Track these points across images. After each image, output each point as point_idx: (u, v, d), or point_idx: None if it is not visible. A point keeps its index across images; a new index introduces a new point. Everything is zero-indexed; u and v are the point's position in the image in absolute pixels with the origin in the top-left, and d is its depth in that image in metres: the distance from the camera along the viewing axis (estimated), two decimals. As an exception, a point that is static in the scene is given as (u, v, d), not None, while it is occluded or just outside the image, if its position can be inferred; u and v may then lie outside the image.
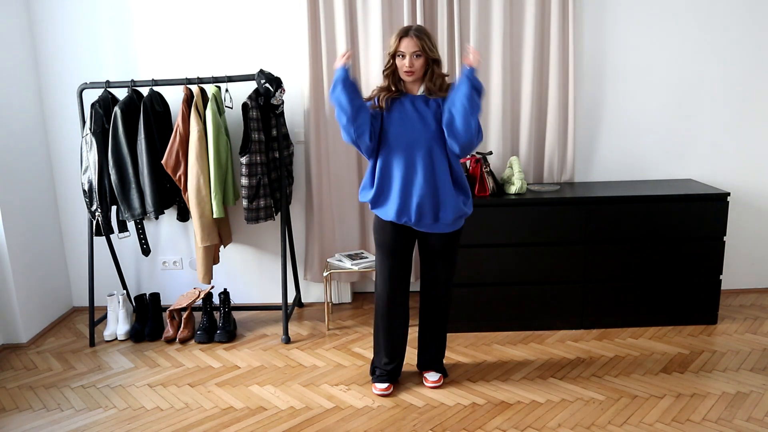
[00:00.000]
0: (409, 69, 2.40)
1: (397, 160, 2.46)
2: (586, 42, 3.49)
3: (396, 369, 2.79)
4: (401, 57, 2.41)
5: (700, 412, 2.50)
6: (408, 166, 2.45)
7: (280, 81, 3.18)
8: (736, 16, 3.45)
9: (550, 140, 3.53)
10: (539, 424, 2.46)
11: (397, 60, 2.43)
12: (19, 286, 3.35)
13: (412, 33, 2.39)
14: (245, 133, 3.19)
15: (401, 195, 2.46)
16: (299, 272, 3.80)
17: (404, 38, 2.40)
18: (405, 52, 2.39)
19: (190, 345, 3.33)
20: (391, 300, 2.65)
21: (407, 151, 2.45)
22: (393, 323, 2.69)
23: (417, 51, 2.39)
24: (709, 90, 3.54)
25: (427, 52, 2.40)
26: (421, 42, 2.38)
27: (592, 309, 3.28)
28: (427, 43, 2.40)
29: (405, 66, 2.40)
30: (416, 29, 2.42)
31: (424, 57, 2.41)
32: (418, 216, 2.48)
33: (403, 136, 2.45)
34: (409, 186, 2.46)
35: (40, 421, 2.62)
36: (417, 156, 2.44)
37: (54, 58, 3.56)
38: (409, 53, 2.39)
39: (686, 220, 3.18)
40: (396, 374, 2.80)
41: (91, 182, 3.24)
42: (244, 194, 3.21)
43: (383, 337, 2.72)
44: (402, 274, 2.65)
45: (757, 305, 3.57)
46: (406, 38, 2.39)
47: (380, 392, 2.72)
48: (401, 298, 2.68)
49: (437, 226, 2.53)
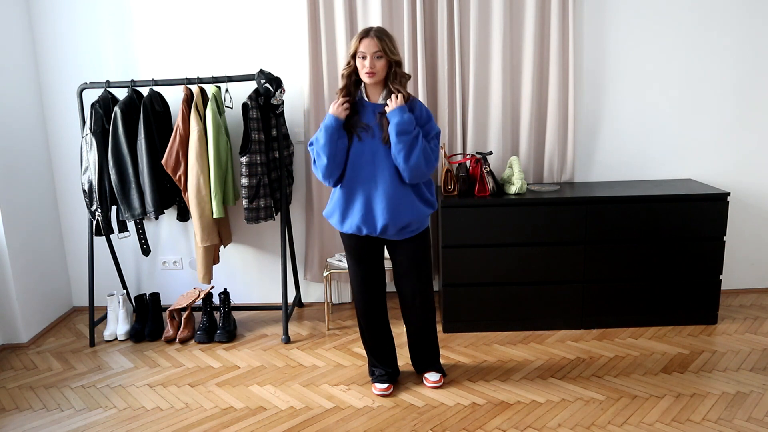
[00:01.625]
0: (370, 70, 2.37)
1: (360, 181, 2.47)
2: (586, 42, 3.49)
3: (393, 371, 2.80)
4: (362, 58, 2.38)
5: (700, 412, 2.50)
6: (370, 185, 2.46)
7: (280, 81, 3.18)
8: (735, 16, 3.45)
9: (550, 140, 3.53)
10: (539, 424, 2.46)
11: (358, 61, 2.40)
12: (19, 286, 3.36)
13: (373, 34, 2.37)
14: (245, 133, 3.19)
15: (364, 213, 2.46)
16: (299, 272, 3.80)
17: (365, 39, 2.36)
18: (366, 53, 2.36)
19: (190, 345, 3.33)
20: (368, 306, 2.69)
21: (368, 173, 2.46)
22: (375, 329, 2.73)
23: (378, 51, 2.36)
24: (709, 90, 3.54)
25: (388, 53, 2.37)
26: (381, 43, 2.35)
27: (592, 309, 3.28)
28: (388, 45, 2.37)
29: (366, 67, 2.37)
30: (376, 30, 2.39)
31: (386, 59, 2.38)
32: (382, 231, 2.49)
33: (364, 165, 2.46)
34: (371, 205, 2.46)
35: (40, 421, 2.62)
36: (378, 176, 2.45)
37: (54, 58, 3.56)
38: (370, 54, 2.36)
39: (686, 220, 3.18)
40: (395, 375, 2.81)
41: (91, 182, 3.24)
42: (245, 194, 3.21)
43: (370, 344, 2.77)
44: (374, 280, 2.67)
45: (757, 305, 3.57)
46: (366, 39, 2.36)
47: (380, 392, 2.72)
48: (377, 304, 2.70)
49: (402, 233, 2.53)
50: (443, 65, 3.43)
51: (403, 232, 2.52)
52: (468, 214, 3.17)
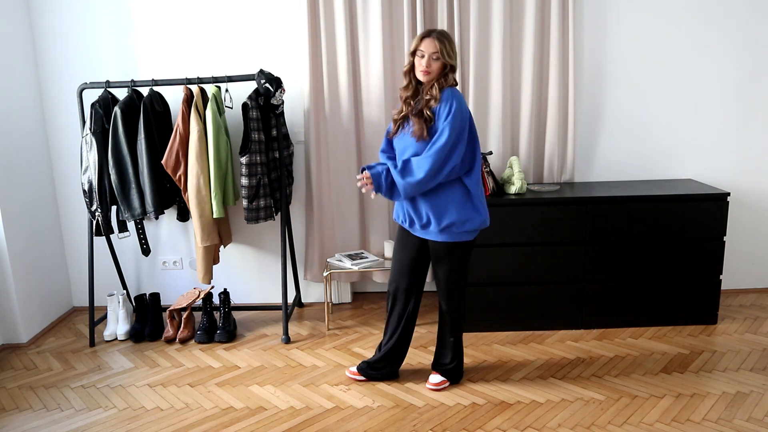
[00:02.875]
0: (425, 69, 2.44)
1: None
2: (586, 42, 3.49)
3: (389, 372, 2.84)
4: (420, 57, 2.45)
5: (700, 412, 2.50)
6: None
7: (280, 81, 3.18)
8: (735, 16, 3.45)
9: (550, 140, 3.53)
10: (539, 424, 2.46)
11: (416, 59, 2.47)
12: (19, 286, 3.36)
13: (434, 35, 2.44)
14: (245, 133, 3.19)
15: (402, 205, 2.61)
16: (299, 272, 3.80)
17: (426, 38, 2.44)
18: (425, 52, 2.43)
19: (190, 345, 3.33)
20: (395, 289, 2.72)
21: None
22: (393, 310, 2.75)
23: (435, 52, 2.42)
24: (709, 90, 3.54)
25: (445, 56, 2.43)
26: (441, 45, 2.42)
27: (592, 309, 3.28)
28: (447, 48, 2.44)
29: (422, 65, 2.45)
30: (439, 32, 2.46)
31: (442, 61, 2.44)
32: (409, 221, 2.59)
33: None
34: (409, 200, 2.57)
35: (40, 421, 2.62)
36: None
37: (54, 58, 3.56)
38: (428, 53, 2.43)
39: (686, 220, 3.18)
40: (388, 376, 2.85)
41: (91, 182, 3.24)
42: (245, 194, 3.21)
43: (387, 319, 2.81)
44: (406, 269, 2.68)
45: (757, 305, 3.57)
46: (427, 39, 2.44)
47: (352, 375, 2.85)
48: (403, 292, 2.70)
49: (427, 233, 2.56)
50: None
51: (430, 233, 2.55)
52: (468, 214, 3.17)
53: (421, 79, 2.48)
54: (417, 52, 2.46)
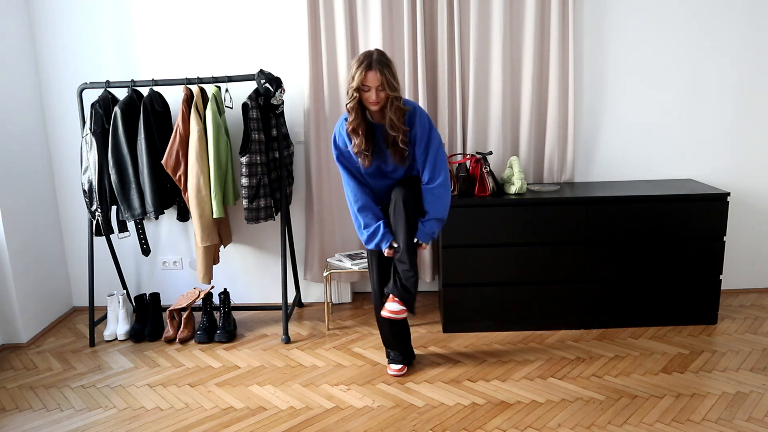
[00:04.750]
0: (375, 101, 2.47)
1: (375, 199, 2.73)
2: (585, 42, 3.49)
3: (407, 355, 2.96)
4: (366, 91, 2.47)
5: (700, 412, 2.50)
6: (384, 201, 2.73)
7: (280, 81, 3.18)
8: (735, 16, 3.45)
9: (550, 140, 3.53)
10: (539, 424, 2.46)
11: (362, 93, 2.48)
12: (19, 286, 3.36)
13: (375, 66, 2.42)
14: (245, 133, 3.19)
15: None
16: (299, 272, 3.80)
17: (368, 72, 2.42)
18: (370, 86, 2.45)
19: (190, 345, 3.33)
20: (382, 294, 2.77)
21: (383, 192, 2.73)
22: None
23: (380, 86, 2.44)
24: (709, 90, 3.54)
25: (387, 88, 2.44)
26: (383, 77, 2.42)
27: (592, 309, 3.28)
28: (389, 78, 2.44)
29: (372, 98, 2.47)
30: (377, 61, 2.43)
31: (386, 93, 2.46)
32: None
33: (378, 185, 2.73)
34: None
35: (40, 421, 2.62)
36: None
37: (54, 58, 3.56)
38: (374, 87, 2.44)
39: (686, 220, 3.18)
40: (410, 359, 2.98)
41: (91, 182, 3.24)
42: (245, 194, 3.21)
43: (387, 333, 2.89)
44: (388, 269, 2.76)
45: (757, 305, 3.57)
46: (370, 72, 2.42)
47: (395, 373, 2.88)
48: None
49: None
50: (443, 65, 3.43)
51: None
52: (468, 214, 3.17)
53: (372, 110, 2.53)
54: (362, 87, 2.45)
